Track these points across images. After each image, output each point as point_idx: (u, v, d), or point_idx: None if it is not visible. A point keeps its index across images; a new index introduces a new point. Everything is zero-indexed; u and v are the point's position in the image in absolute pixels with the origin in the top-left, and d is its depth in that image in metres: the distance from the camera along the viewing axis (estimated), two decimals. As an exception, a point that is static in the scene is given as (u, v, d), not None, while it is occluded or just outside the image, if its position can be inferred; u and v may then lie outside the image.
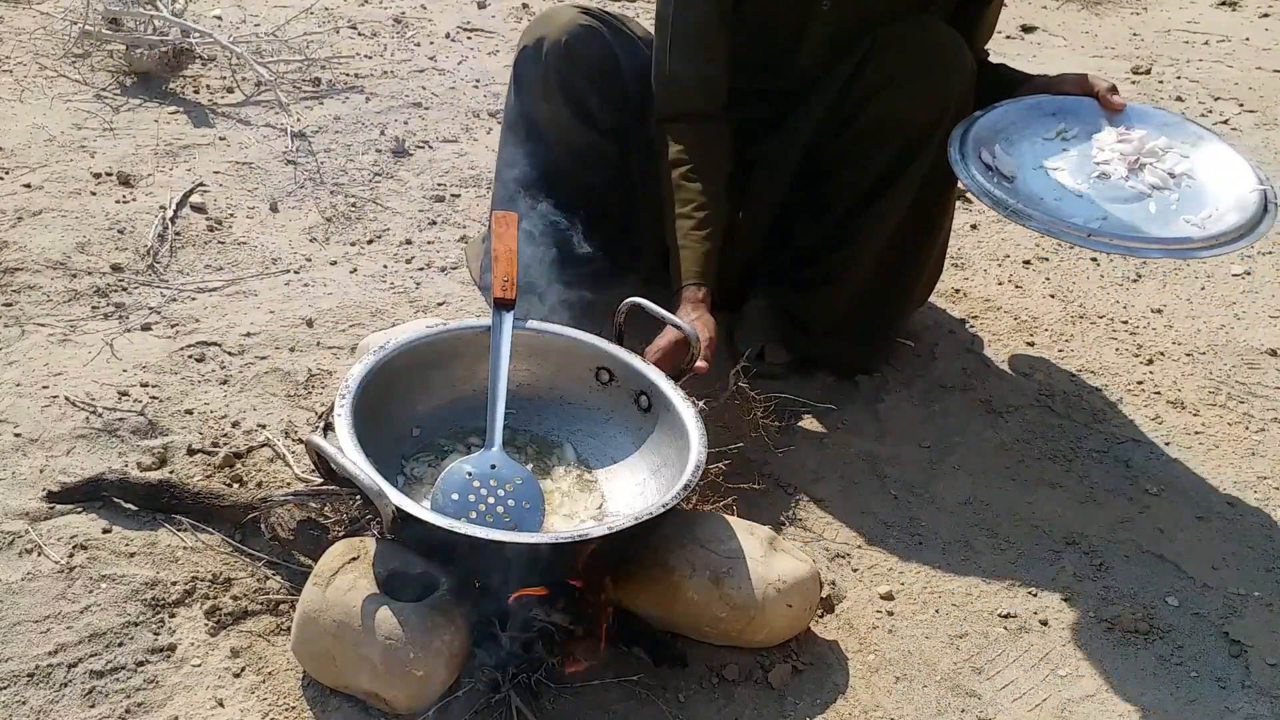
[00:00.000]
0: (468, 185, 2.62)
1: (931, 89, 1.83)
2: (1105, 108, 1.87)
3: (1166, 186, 1.76)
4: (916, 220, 1.94)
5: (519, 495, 1.52)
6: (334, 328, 2.09)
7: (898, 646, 1.59)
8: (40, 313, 2.03)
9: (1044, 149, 1.83)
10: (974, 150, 1.79)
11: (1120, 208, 1.73)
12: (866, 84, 1.87)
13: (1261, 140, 3.23)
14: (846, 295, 2.00)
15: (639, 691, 1.47)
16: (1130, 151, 1.81)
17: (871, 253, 1.96)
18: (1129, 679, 1.57)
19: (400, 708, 1.38)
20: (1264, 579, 1.76)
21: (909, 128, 1.85)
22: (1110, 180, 1.77)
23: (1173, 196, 1.74)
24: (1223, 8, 4.27)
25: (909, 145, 1.86)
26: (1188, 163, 1.79)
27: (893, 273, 1.99)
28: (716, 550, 1.51)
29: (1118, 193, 1.75)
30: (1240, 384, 2.21)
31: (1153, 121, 1.86)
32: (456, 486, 1.50)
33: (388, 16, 3.51)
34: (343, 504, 1.60)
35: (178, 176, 2.51)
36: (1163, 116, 1.88)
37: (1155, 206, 1.73)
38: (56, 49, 2.98)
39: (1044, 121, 1.88)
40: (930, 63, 1.83)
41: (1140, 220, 1.70)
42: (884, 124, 1.86)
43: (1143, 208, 1.73)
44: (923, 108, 1.84)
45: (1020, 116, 1.88)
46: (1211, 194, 1.74)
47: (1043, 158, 1.82)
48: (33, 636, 1.44)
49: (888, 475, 1.90)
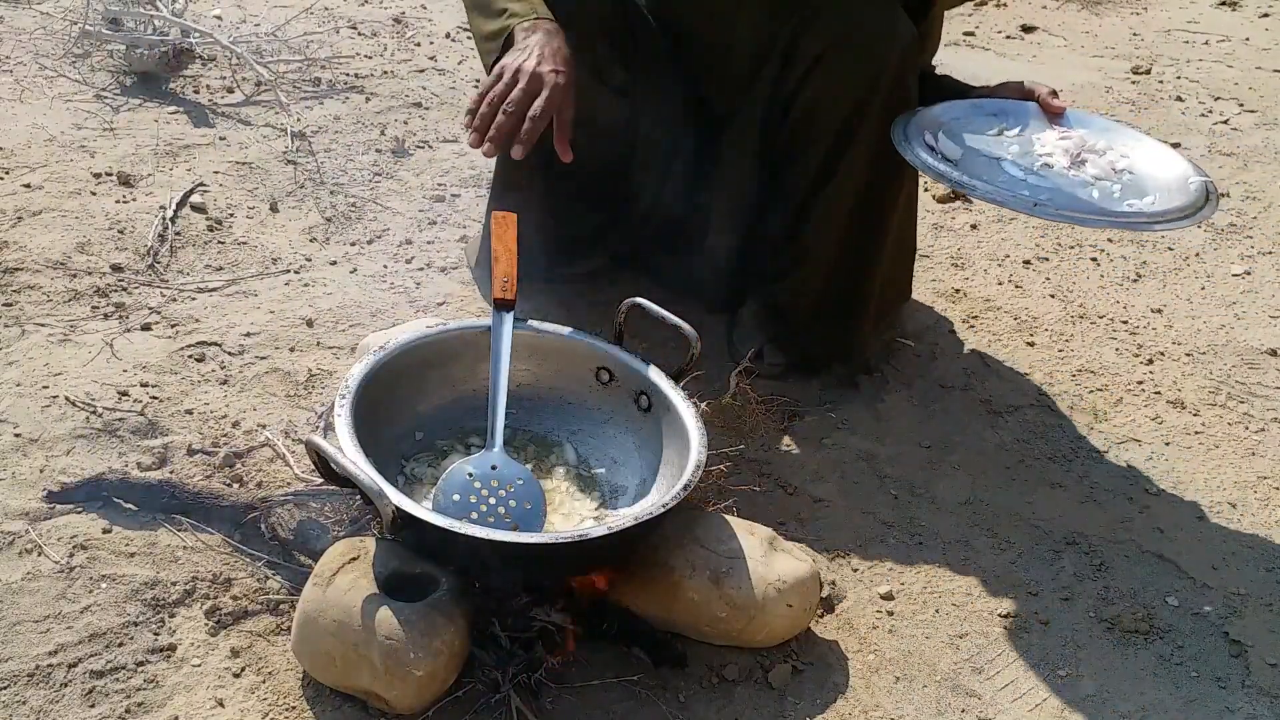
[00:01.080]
0: (468, 185, 2.62)
1: (862, 59, 1.83)
2: (1045, 110, 1.89)
3: (1108, 178, 1.78)
4: (871, 199, 1.94)
5: (520, 495, 1.52)
6: (334, 328, 2.09)
7: (898, 646, 1.59)
8: (40, 313, 2.03)
9: (986, 141, 1.85)
10: (918, 135, 1.80)
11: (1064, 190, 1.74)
12: (799, 64, 1.87)
13: (1262, 140, 3.24)
14: (814, 281, 2.00)
15: (639, 691, 1.47)
16: (1072, 147, 1.82)
17: (830, 236, 1.96)
18: (1129, 679, 1.57)
19: (400, 708, 1.38)
20: (1264, 579, 1.76)
21: (844, 102, 1.85)
22: (1053, 170, 1.79)
23: (1115, 186, 1.76)
24: (1223, 8, 4.27)
25: (848, 120, 1.86)
26: (1128, 161, 1.82)
27: (856, 255, 1.98)
28: (716, 550, 1.51)
29: (1061, 181, 1.76)
30: (1240, 384, 2.21)
31: (1093, 125, 1.89)
32: (458, 487, 1.50)
33: (388, 16, 3.51)
34: (343, 504, 1.60)
35: (178, 176, 2.51)
36: (1102, 121, 1.91)
37: (1098, 193, 1.74)
38: (56, 49, 2.98)
39: (985, 120, 1.90)
40: (858, 32, 1.83)
41: (1084, 203, 1.71)
42: (821, 102, 1.87)
43: (1087, 193, 1.74)
44: (855, 80, 1.84)
45: (962, 112, 1.90)
46: (1153, 185, 1.76)
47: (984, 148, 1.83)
48: (33, 636, 1.44)
49: (888, 475, 1.90)
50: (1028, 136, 1.87)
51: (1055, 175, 1.78)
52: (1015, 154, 1.82)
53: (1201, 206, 1.69)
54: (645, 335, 1.79)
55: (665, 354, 1.75)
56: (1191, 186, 1.73)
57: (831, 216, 1.94)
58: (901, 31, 1.85)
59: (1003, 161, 1.80)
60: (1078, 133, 1.86)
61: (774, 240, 2.02)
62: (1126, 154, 1.83)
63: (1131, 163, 1.81)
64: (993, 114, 1.91)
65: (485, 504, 1.49)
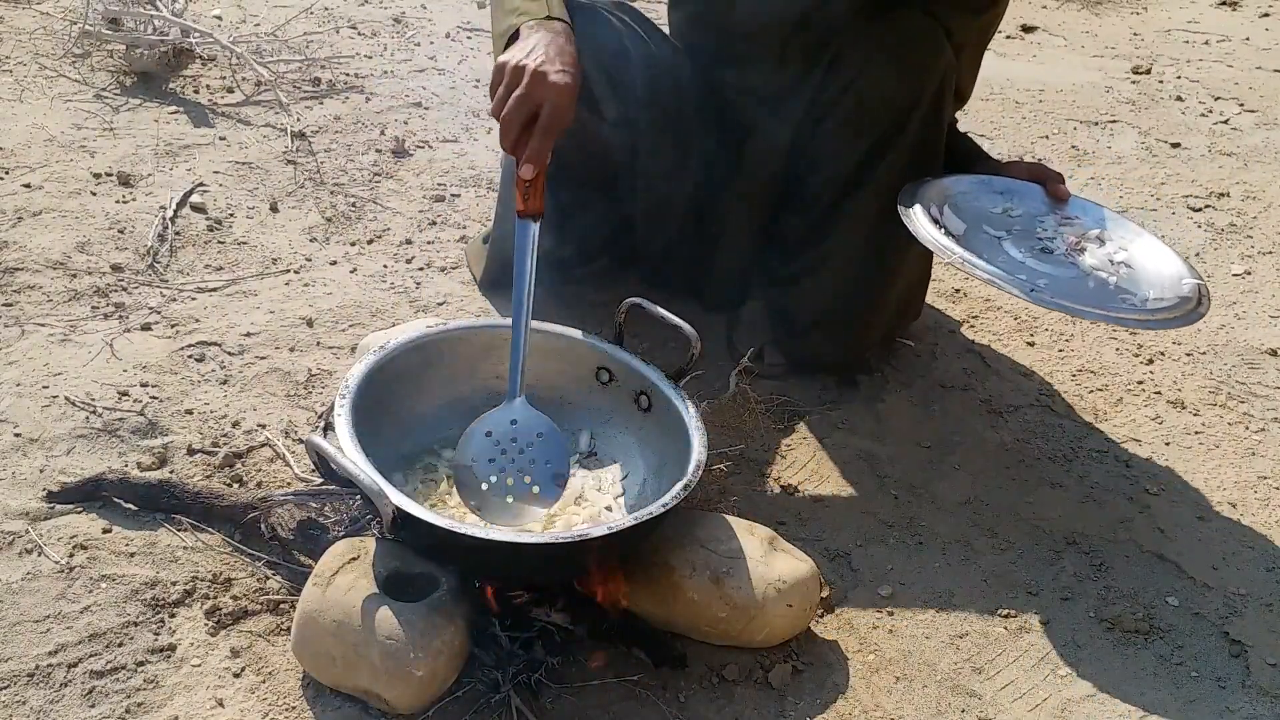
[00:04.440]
0: (468, 185, 2.62)
1: (907, 68, 1.84)
2: (1051, 196, 1.93)
3: (1105, 270, 1.81)
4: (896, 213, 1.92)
5: (540, 453, 1.49)
6: (334, 328, 2.09)
7: (898, 646, 1.59)
8: (40, 313, 2.03)
9: (990, 219, 1.89)
10: (923, 206, 1.82)
11: (1061, 277, 1.78)
12: (842, 73, 1.88)
13: (1262, 140, 3.24)
14: (827, 289, 1.99)
15: (639, 691, 1.47)
16: (1073, 235, 1.87)
17: (851, 245, 1.95)
18: (1129, 679, 1.57)
19: (400, 708, 1.38)
20: (1264, 579, 1.76)
21: (886, 110, 1.85)
22: (1052, 255, 1.83)
23: (1111, 279, 1.79)
24: (1223, 8, 4.27)
25: (886, 130, 1.86)
26: (1125, 254, 1.85)
27: (873, 267, 1.98)
28: (716, 550, 1.51)
29: (1058, 267, 1.80)
30: (1240, 384, 2.21)
31: (1095, 215, 1.93)
32: (476, 451, 1.48)
33: (388, 16, 3.51)
34: (343, 504, 1.60)
35: (178, 176, 2.51)
36: (1103, 211, 1.94)
37: (1094, 284, 1.78)
38: (56, 49, 2.98)
39: (991, 198, 1.93)
40: (906, 44, 1.85)
41: (1080, 291, 1.75)
42: (861, 108, 1.87)
43: (1083, 283, 1.78)
44: (898, 88, 1.84)
45: (969, 187, 1.93)
46: (1147, 281, 1.79)
47: (987, 226, 1.87)
48: (33, 636, 1.44)
49: (888, 475, 1.90)
50: (1031, 218, 1.90)
51: (1054, 261, 1.81)
52: (1018, 235, 1.85)
53: (1194, 308, 1.72)
54: (645, 335, 1.79)
55: (665, 354, 1.75)
56: (1185, 287, 1.76)
57: (856, 226, 1.93)
58: (949, 53, 1.86)
59: (1003, 241, 1.83)
60: (1079, 220, 1.90)
61: (789, 245, 2.02)
62: (1125, 247, 1.86)
63: (1129, 256, 1.84)
64: (999, 192, 1.94)
65: (505, 466, 1.47)
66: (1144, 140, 3.22)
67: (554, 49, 1.56)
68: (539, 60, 1.53)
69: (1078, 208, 1.94)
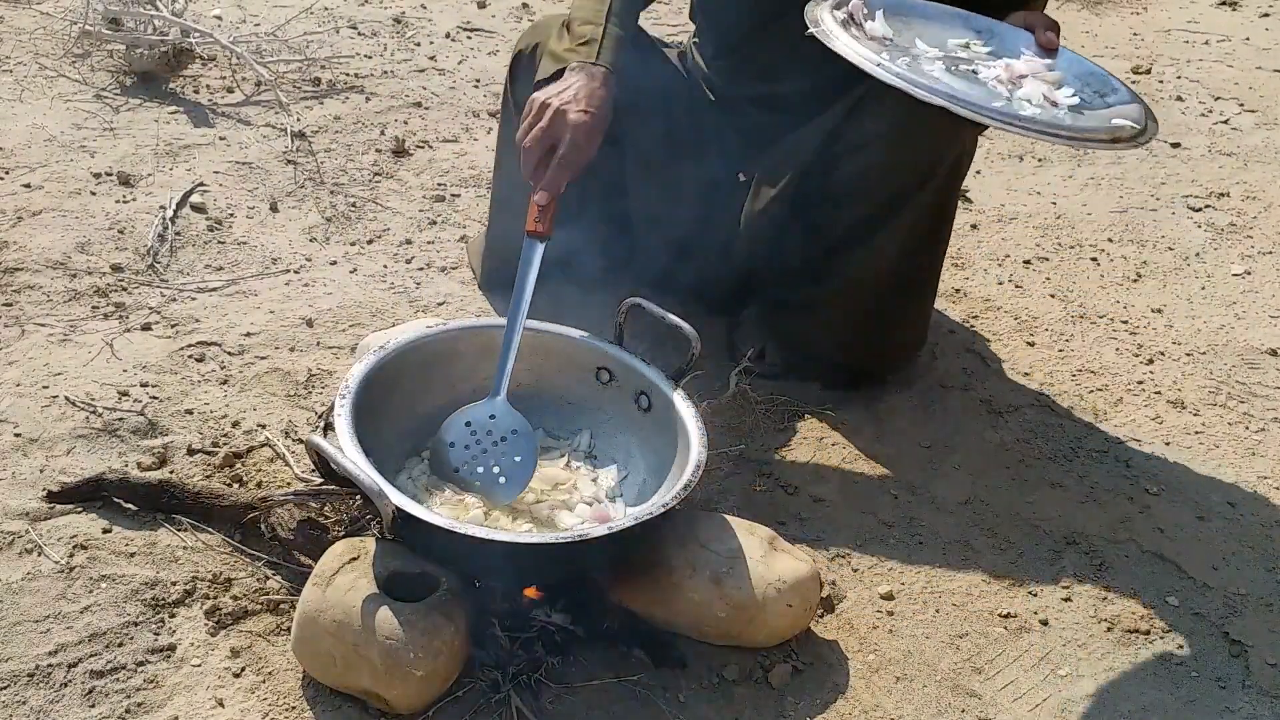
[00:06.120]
0: (468, 185, 2.62)
1: (912, 156, 1.81)
2: (1040, 44, 1.76)
3: (1038, 105, 1.59)
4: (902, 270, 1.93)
5: (511, 449, 1.57)
6: (334, 328, 2.09)
7: (898, 646, 1.59)
8: (40, 313, 2.03)
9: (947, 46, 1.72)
10: (861, 6, 1.70)
11: (964, 92, 1.58)
12: (849, 138, 1.85)
13: (1262, 140, 3.24)
14: (825, 331, 1.99)
15: (639, 691, 1.47)
16: (1021, 69, 1.66)
17: (850, 295, 1.94)
18: (1129, 679, 1.57)
19: (400, 708, 1.38)
20: (1264, 579, 1.76)
21: (885, 188, 1.84)
22: (976, 78, 1.64)
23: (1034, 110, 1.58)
24: (1223, 8, 4.27)
25: (884, 205, 1.85)
26: (1076, 101, 1.64)
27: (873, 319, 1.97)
28: (716, 550, 1.51)
29: (971, 86, 1.61)
30: (1240, 384, 2.21)
31: (1075, 67, 1.72)
32: (454, 434, 1.57)
33: (388, 16, 3.51)
34: (343, 504, 1.60)
35: (178, 176, 2.51)
36: (1090, 67, 1.74)
37: (1001, 103, 1.59)
38: (56, 49, 2.98)
39: (964, 31, 1.77)
40: (911, 132, 1.77)
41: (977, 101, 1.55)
42: (864, 177, 1.84)
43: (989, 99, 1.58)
44: (900, 173, 1.82)
45: (941, 15, 1.79)
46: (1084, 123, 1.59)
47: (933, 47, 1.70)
48: (33, 636, 1.44)
49: (888, 475, 1.90)
50: (993, 55, 1.72)
51: (970, 80, 1.62)
52: (954, 60, 1.68)
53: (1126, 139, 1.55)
54: (645, 335, 1.79)
55: (665, 354, 1.75)
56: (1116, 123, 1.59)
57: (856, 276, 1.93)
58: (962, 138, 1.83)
59: (928, 58, 1.67)
60: (1044, 63, 1.70)
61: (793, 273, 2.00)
62: (1090, 100, 1.66)
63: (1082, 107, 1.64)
64: (977, 30, 1.78)
65: (477, 454, 1.56)
66: (1144, 140, 3.22)
67: (584, 91, 1.67)
68: (564, 100, 1.65)
69: (1065, 59, 1.73)
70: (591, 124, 1.64)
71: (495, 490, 1.57)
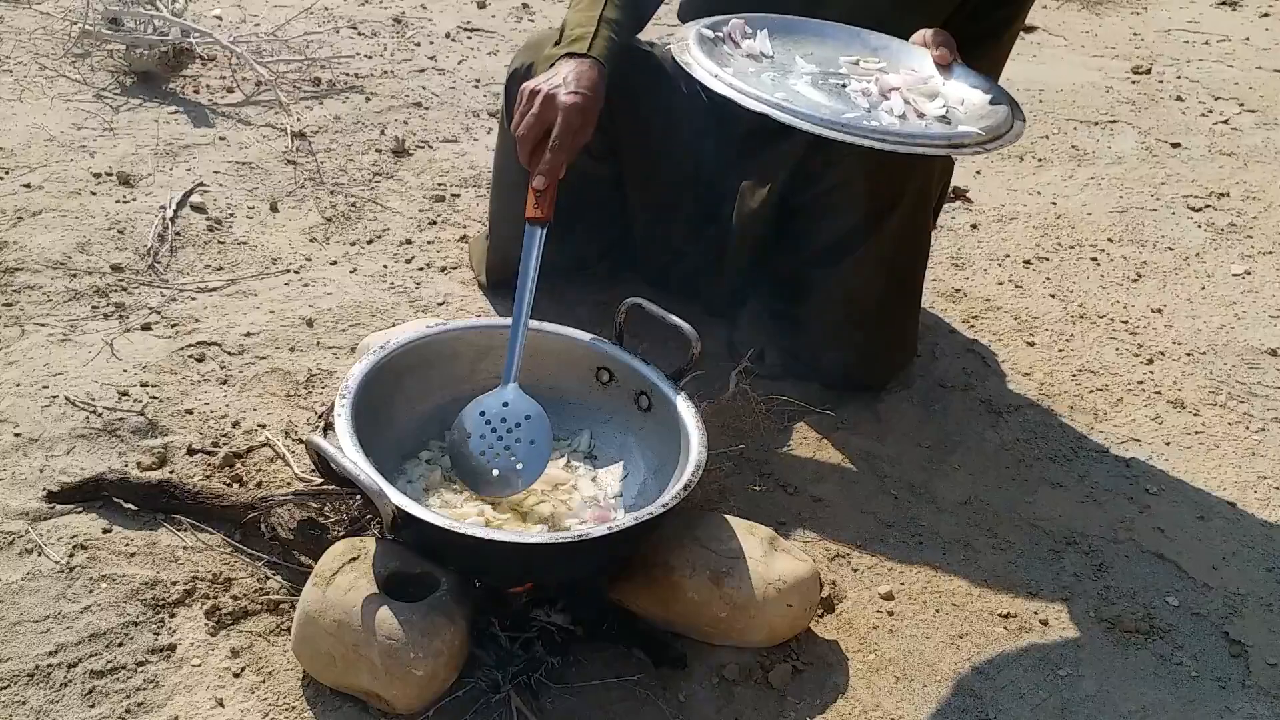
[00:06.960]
0: (468, 185, 2.62)
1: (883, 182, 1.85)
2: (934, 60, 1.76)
3: (898, 115, 1.60)
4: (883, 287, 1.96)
5: (526, 433, 1.56)
6: (334, 328, 2.09)
7: (898, 646, 1.59)
8: (40, 313, 2.03)
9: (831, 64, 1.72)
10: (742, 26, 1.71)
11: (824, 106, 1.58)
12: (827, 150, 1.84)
13: (1262, 140, 3.24)
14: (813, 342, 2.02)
15: (639, 691, 1.47)
16: (894, 83, 1.66)
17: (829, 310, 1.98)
18: (1129, 679, 1.57)
19: (400, 708, 1.38)
20: (1264, 579, 1.76)
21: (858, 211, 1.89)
22: (844, 92, 1.62)
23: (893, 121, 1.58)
24: (1223, 8, 4.27)
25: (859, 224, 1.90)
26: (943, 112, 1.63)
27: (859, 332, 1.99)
28: (716, 550, 1.51)
29: (834, 100, 1.60)
30: (1240, 384, 2.21)
31: (966, 81, 1.72)
32: (471, 426, 1.56)
33: (388, 16, 3.51)
34: (343, 504, 1.60)
35: (178, 176, 2.51)
36: (985, 83, 1.73)
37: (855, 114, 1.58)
38: (56, 49, 2.98)
39: (858, 50, 1.78)
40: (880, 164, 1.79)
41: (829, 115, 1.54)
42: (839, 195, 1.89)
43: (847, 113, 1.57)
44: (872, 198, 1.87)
45: (839, 34, 1.79)
46: None
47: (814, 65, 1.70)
48: (33, 636, 1.44)
49: (888, 475, 1.90)
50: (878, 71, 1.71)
51: (835, 95, 1.62)
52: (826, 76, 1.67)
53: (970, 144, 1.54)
54: (645, 335, 1.79)
55: (665, 354, 1.75)
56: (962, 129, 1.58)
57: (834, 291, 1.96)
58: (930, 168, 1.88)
59: (797, 75, 1.66)
60: (925, 75, 1.70)
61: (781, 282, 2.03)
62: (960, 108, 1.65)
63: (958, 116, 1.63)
64: (874, 48, 1.78)
65: (493, 443, 1.55)
66: (1144, 140, 3.22)
67: (572, 75, 1.67)
68: (554, 85, 1.65)
69: (959, 75, 1.73)
70: (583, 104, 1.63)
71: (515, 476, 1.55)
